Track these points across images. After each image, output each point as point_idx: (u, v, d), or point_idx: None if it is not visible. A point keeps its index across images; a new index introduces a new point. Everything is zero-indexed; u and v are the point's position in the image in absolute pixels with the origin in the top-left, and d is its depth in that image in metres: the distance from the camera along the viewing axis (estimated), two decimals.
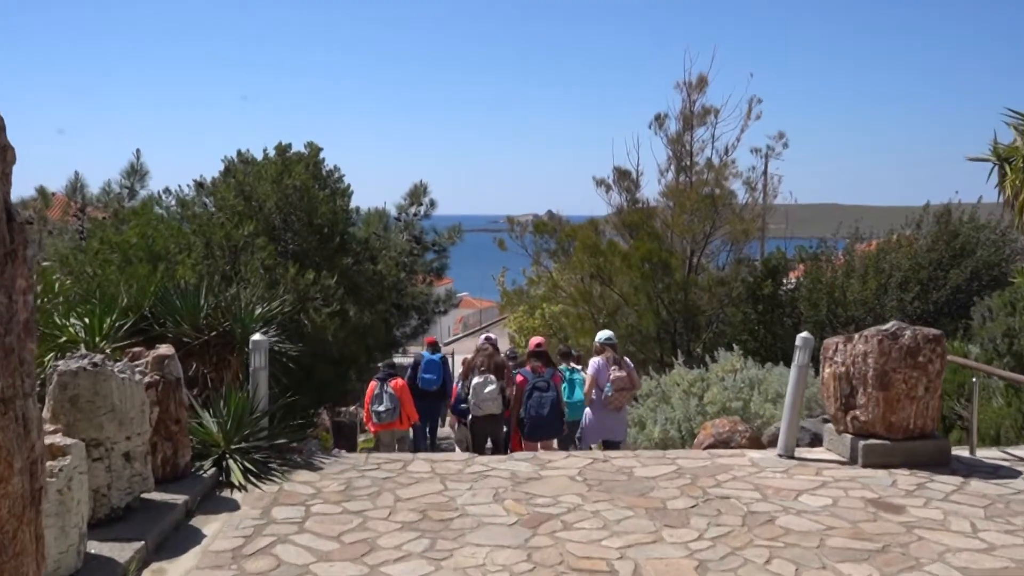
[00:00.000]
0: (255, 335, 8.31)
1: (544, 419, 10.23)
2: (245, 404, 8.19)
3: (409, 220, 19.14)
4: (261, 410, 8.36)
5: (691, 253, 19.27)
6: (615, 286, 19.22)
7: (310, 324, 9.80)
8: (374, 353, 13.75)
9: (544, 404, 10.25)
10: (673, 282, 18.41)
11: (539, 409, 10.22)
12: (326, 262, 10.75)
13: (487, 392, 10.29)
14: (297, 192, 10.65)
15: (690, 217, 18.64)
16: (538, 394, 10.26)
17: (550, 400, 10.29)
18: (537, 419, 10.21)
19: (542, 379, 10.37)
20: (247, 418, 8.19)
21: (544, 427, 10.28)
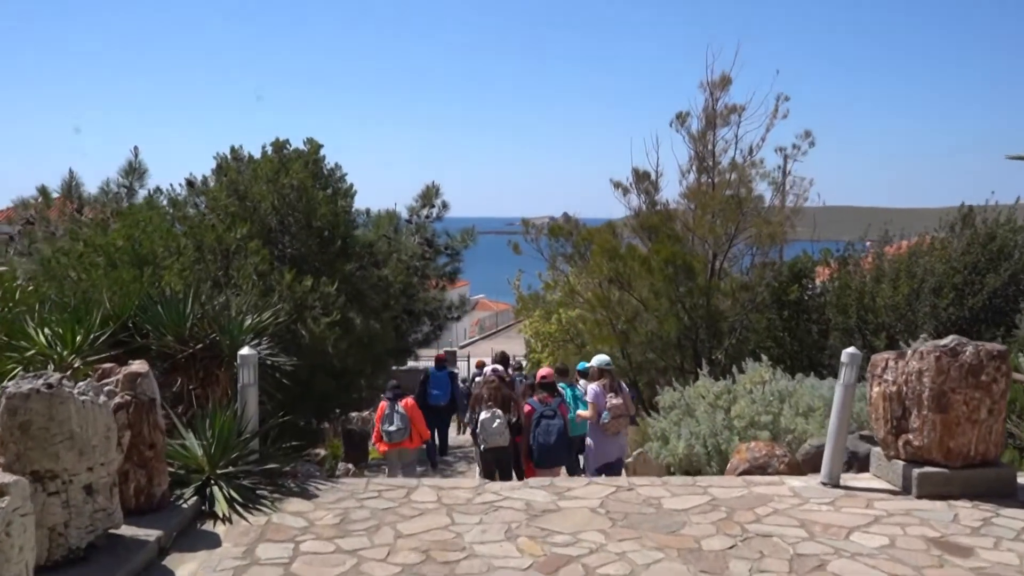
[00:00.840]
0: (243, 348, 7.49)
1: (551, 447, 10.44)
2: (232, 424, 7.38)
3: (421, 222, 18.38)
4: (250, 431, 7.55)
5: (713, 257, 18.37)
6: (634, 291, 18.35)
7: (308, 335, 8.99)
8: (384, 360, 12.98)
9: (551, 432, 10.46)
10: (695, 287, 17.54)
11: (547, 437, 10.45)
12: (326, 267, 9.94)
13: (495, 427, 10.53)
14: (295, 192, 9.84)
15: (713, 219, 17.72)
16: (545, 422, 10.49)
17: (557, 428, 10.48)
18: (544, 446, 10.42)
19: (549, 408, 10.60)
20: (234, 440, 7.38)
21: (552, 455, 10.46)
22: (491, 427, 10.56)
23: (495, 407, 10.69)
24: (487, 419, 10.56)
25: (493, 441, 10.60)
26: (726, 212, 17.44)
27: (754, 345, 19.44)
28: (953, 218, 18.18)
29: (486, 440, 10.62)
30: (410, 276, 16.80)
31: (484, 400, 10.78)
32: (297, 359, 9.05)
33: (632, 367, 19.07)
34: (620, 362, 19.23)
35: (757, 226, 17.38)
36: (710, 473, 12.40)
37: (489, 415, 10.60)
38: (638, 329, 18.39)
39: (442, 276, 18.84)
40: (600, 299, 18.66)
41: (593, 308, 18.95)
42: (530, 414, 10.63)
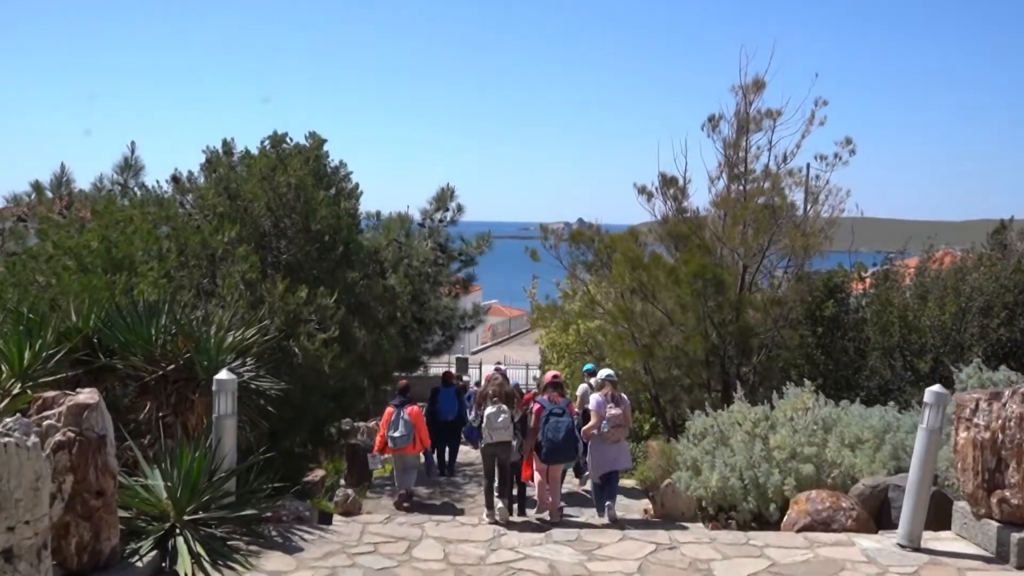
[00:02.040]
0: (221, 372, 6.31)
1: (560, 443, 10.70)
2: (204, 462, 6.20)
3: (434, 226, 17.30)
4: (226, 469, 6.37)
5: (743, 269, 17.08)
6: (659, 303, 17.09)
7: (301, 353, 7.82)
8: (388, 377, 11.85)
9: (560, 429, 10.73)
10: (725, 301, 16.26)
11: (555, 433, 10.72)
12: (326, 276, 8.79)
13: (499, 421, 10.57)
14: (292, 191, 8.70)
15: (744, 229, 16.46)
16: (554, 419, 10.77)
17: (565, 425, 10.74)
18: (553, 442, 10.70)
19: (558, 407, 10.89)
20: (205, 480, 6.19)
21: (560, 451, 10.76)
22: (496, 421, 10.58)
23: (500, 402, 10.70)
24: (492, 413, 10.58)
25: (498, 435, 10.63)
26: (759, 222, 16.15)
27: (784, 363, 18.22)
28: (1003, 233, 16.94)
29: (491, 434, 10.63)
30: (421, 283, 15.70)
31: (489, 396, 10.81)
32: (288, 381, 7.87)
33: (655, 383, 17.82)
34: (642, 378, 18.01)
35: (792, 237, 16.08)
36: (747, 508, 11.20)
37: (494, 409, 10.61)
38: (662, 344, 17.12)
39: (455, 283, 17.68)
40: (622, 311, 17.40)
41: (615, 320, 17.68)
42: (539, 412, 10.90)
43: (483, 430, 10.69)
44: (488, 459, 10.80)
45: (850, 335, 17.16)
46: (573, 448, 10.97)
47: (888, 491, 9.66)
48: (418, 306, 15.98)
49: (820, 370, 17.78)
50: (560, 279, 24.97)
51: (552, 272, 22.19)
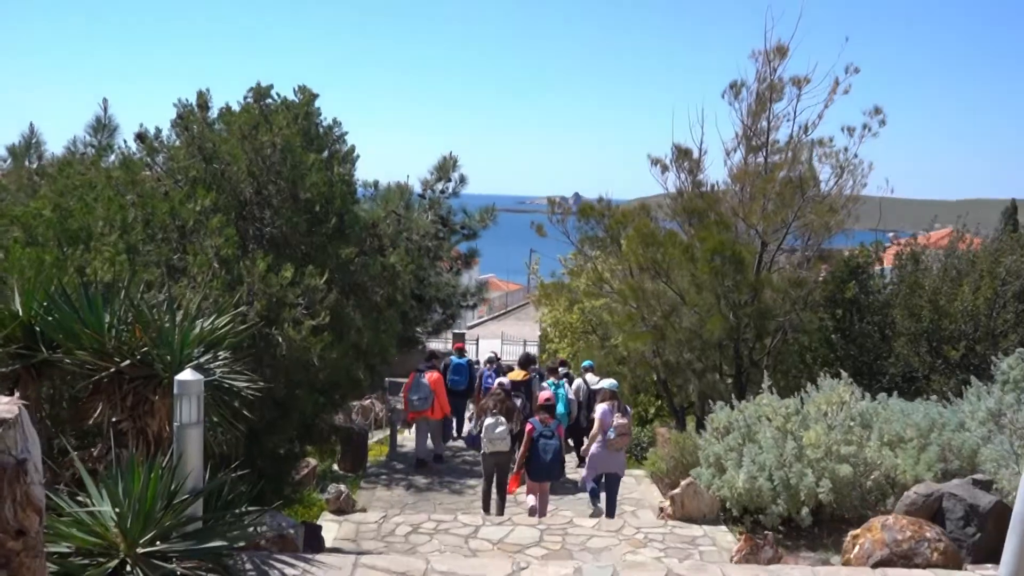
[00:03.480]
0: (184, 371, 5.11)
1: (547, 465, 11.33)
2: (161, 482, 5.00)
3: (435, 198, 16.06)
4: (190, 489, 5.17)
5: (762, 246, 15.92)
6: (672, 282, 15.94)
7: (286, 343, 6.62)
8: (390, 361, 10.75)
9: (548, 451, 11.32)
10: (744, 281, 15.11)
11: (544, 455, 11.31)
12: (316, 252, 7.60)
13: (498, 432, 11.44)
14: (278, 153, 7.46)
15: (766, 203, 15.27)
16: (544, 441, 11.34)
17: (554, 448, 11.35)
18: (541, 463, 11.30)
19: (548, 428, 11.40)
20: (162, 505, 5.01)
21: (546, 471, 11.40)
22: (494, 432, 11.44)
23: (499, 415, 11.60)
24: (491, 424, 11.45)
25: (496, 446, 11.49)
26: (783, 196, 14.96)
27: (800, 347, 17.16)
28: None
29: (490, 444, 11.48)
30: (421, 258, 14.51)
31: (490, 409, 11.72)
32: (270, 375, 6.68)
33: (665, 367, 16.70)
34: (651, 360, 16.94)
35: (818, 213, 14.91)
36: (777, 512, 10.15)
37: (493, 421, 11.49)
38: (675, 325, 16.01)
39: (457, 259, 16.49)
40: (632, 289, 16.27)
41: (624, 299, 16.56)
42: (531, 432, 11.40)
43: (483, 440, 11.64)
44: (488, 465, 11.74)
45: (875, 318, 16.10)
46: (559, 469, 11.75)
47: (943, 500, 8.58)
48: (417, 282, 14.80)
49: (839, 355, 16.86)
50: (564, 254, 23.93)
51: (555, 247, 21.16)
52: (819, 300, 16.44)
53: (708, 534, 10.36)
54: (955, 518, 8.43)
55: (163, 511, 5.02)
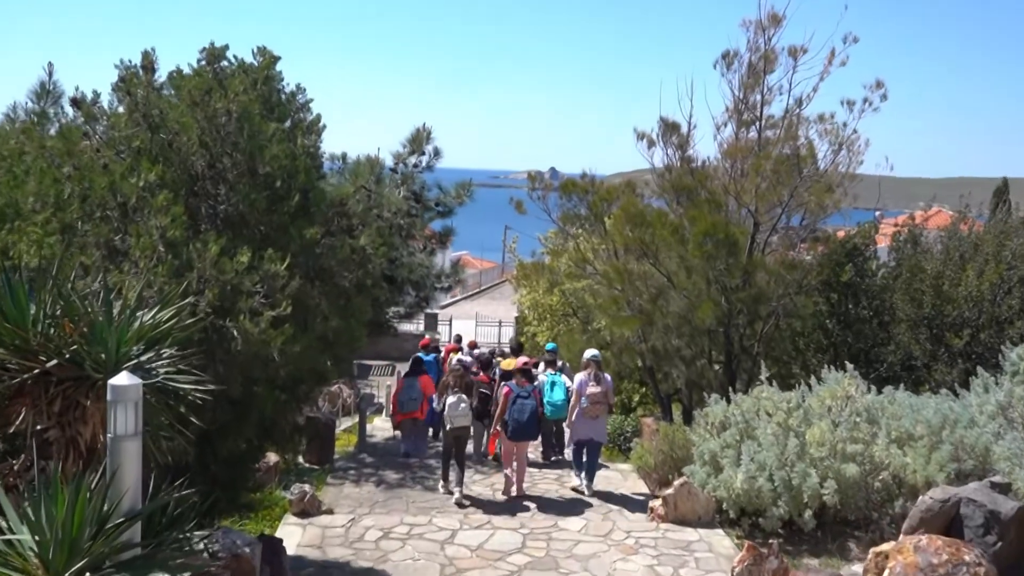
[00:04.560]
0: (119, 375, 4.50)
1: (524, 424, 12.05)
2: (89, 505, 4.39)
3: (408, 172, 15.42)
4: (127, 512, 4.55)
5: (755, 227, 15.44)
6: (661, 265, 15.44)
7: (241, 336, 6.00)
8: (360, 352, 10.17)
9: (525, 411, 12.07)
10: (736, 264, 14.64)
11: (520, 415, 12.04)
12: (277, 234, 6.96)
13: (460, 410, 12.12)
14: (233, 122, 6.80)
15: (760, 182, 14.76)
16: (521, 402, 12.11)
17: (530, 407, 12.13)
18: (518, 423, 12.03)
19: (525, 390, 12.24)
20: (90, 531, 4.39)
21: (524, 431, 12.10)
22: (456, 410, 12.09)
23: (460, 392, 12.24)
24: (453, 403, 12.10)
25: (458, 422, 12.13)
26: (778, 174, 14.46)
27: (793, 333, 16.78)
28: None
29: (452, 420, 12.10)
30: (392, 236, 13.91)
31: (451, 387, 12.33)
32: (224, 373, 6.08)
33: (652, 354, 16.24)
34: (637, 346, 16.48)
35: (816, 192, 14.42)
36: (777, 515, 9.72)
37: (455, 399, 12.12)
38: (662, 310, 15.53)
39: (431, 238, 15.90)
40: (618, 271, 15.75)
41: (609, 281, 16.03)
42: (508, 394, 12.18)
43: (445, 417, 12.20)
44: (448, 440, 12.39)
45: (872, 303, 15.74)
46: (535, 428, 12.46)
47: (960, 506, 8.16)
48: (388, 263, 14.21)
49: (833, 341, 16.58)
50: (543, 233, 23.38)
51: (534, 225, 20.64)
52: (814, 284, 16.01)
53: (704, 539, 9.94)
54: (974, 526, 8.02)
55: (93, 538, 4.40)
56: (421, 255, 15.92)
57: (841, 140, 14.87)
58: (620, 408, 19.61)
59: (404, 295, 16.05)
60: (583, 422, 12.28)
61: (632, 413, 18.92)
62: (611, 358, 17.65)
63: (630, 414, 18.41)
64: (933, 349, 14.64)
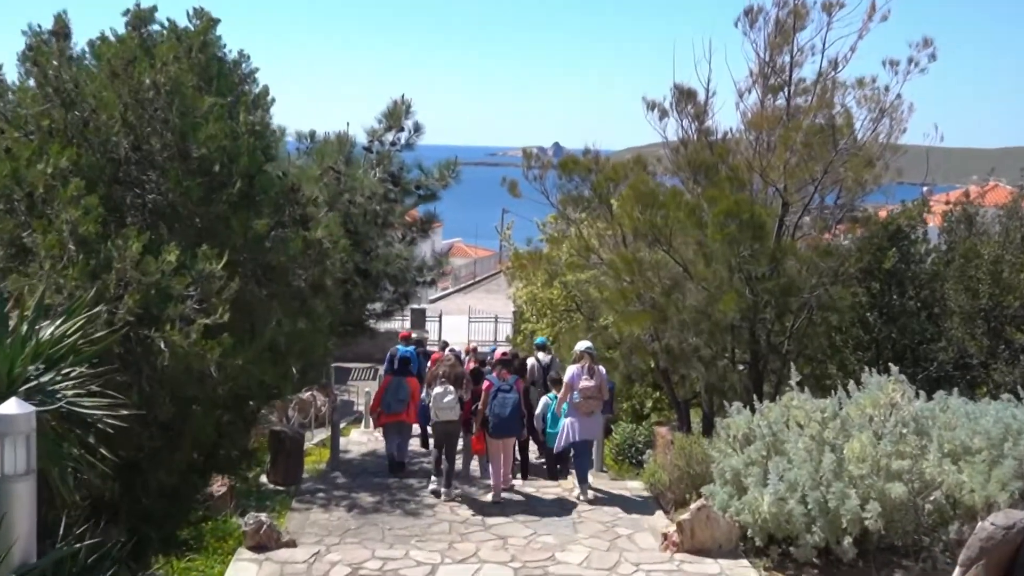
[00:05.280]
0: (9, 401, 4.24)
1: (506, 419, 12.51)
2: None
3: (384, 151, 15.22)
4: (17, 568, 4.30)
5: (784, 208, 15.21)
6: (675, 252, 15.21)
7: (170, 350, 5.73)
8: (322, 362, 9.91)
9: (506, 405, 12.49)
10: (763, 249, 14.40)
11: (502, 409, 12.49)
12: (217, 227, 6.67)
13: (446, 402, 12.54)
14: (163, 97, 6.51)
15: (790, 156, 14.53)
16: (502, 395, 12.53)
17: (512, 401, 12.53)
18: (500, 418, 12.49)
19: (506, 383, 12.67)
20: None
21: (506, 426, 12.58)
22: (442, 402, 12.50)
23: (448, 383, 12.60)
24: (439, 393, 12.50)
25: (444, 415, 12.58)
26: (811, 147, 14.23)
27: (828, 328, 16.57)
28: None
29: (437, 414, 12.61)
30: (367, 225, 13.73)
31: (438, 377, 12.69)
32: (151, 393, 5.79)
33: (666, 354, 15.99)
34: (649, 346, 16.28)
35: (853, 167, 14.20)
36: (812, 542, 9.48)
37: (442, 390, 12.52)
38: (678, 304, 15.26)
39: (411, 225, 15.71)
40: (627, 261, 15.49)
41: (616, 272, 15.80)
42: (488, 388, 12.62)
43: (431, 409, 12.78)
44: (438, 434, 12.93)
45: (920, 293, 15.58)
46: (519, 423, 12.94)
47: None
48: (362, 255, 14.01)
49: (875, 337, 16.48)
50: (542, 218, 23.15)
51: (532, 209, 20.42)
52: (853, 271, 15.79)
53: (726, 571, 9.67)
54: None
55: None
56: (400, 245, 15.69)
57: (883, 106, 14.65)
58: (631, 415, 19.46)
59: (381, 291, 15.83)
60: (577, 419, 12.64)
61: (644, 421, 18.76)
62: (619, 359, 17.56)
63: (642, 422, 18.25)
64: (991, 345, 14.48)
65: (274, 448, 14.44)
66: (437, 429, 12.97)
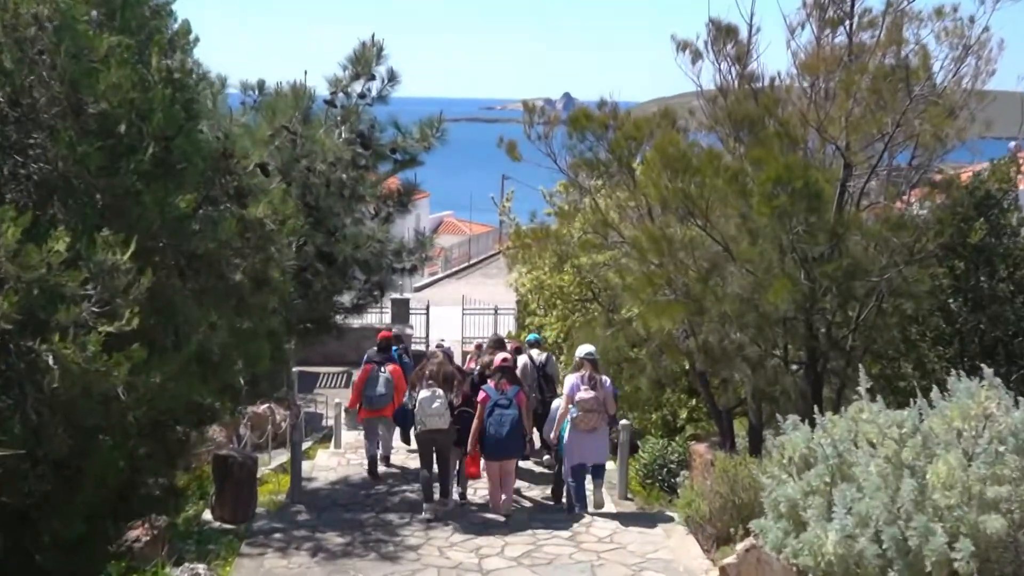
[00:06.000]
0: None
1: (504, 439, 12.81)
2: None
3: (351, 106, 14.94)
4: None
5: (846, 171, 14.93)
6: (713, 228, 14.95)
7: (59, 366, 5.32)
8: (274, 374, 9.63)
9: (504, 423, 12.77)
10: (821, 224, 14.11)
11: (499, 428, 12.77)
12: (124, 204, 6.29)
13: (433, 408, 12.85)
14: (50, 35, 6.09)
15: (853, 106, 14.26)
16: (499, 411, 12.80)
17: (511, 419, 12.79)
18: (496, 438, 12.82)
19: (505, 396, 12.91)
20: None
21: (504, 447, 12.94)
22: (429, 408, 12.83)
23: (436, 386, 13.02)
24: (426, 398, 12.86)
25: (431, 423, 12.94)
26: (879, 95, 13.96)
27: (902, 319, 16.31)
28: None
29: (424, 422, 12.97)
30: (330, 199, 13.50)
31: (425, 378, 13.14)
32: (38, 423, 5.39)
33: (704, 354, 15.75)
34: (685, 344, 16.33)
35: (933, 119, 13.88)
36: None
37: (429, 394, 12.90)
38: (717, 292, 15.04)
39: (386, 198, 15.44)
40: (654, 239, 15.27)
41: (641, 253, 15.60)
42: (484, 402, 12.91)
43: (416, 415, 13.15)
44: (425, 446, 13.33)
45: (1017, 274, 15.50)
46: (520, 443, 13.34)
47: None
48: (325, 236, 13.78)
49: (959, 329, 16.54)
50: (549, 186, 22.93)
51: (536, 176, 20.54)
52: (931, 249, 15.50)
53: None
54: None
55: None
56: (372, 223, 15.44)
57: (967, 43, 14.44)
58: (663, 428, 19.37)
59: (350, 279, 15.60)
60: (579, 438, 13.15)
61: (679, 435, 18.61)
62: (647, 360, 17.59)
63: (676, 436, 18.17)
64: None
65: (220, 476, 14.25)
66: (423, 440, 13.35)
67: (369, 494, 15.57)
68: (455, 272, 53.31)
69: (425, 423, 12.98)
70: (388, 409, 15.97)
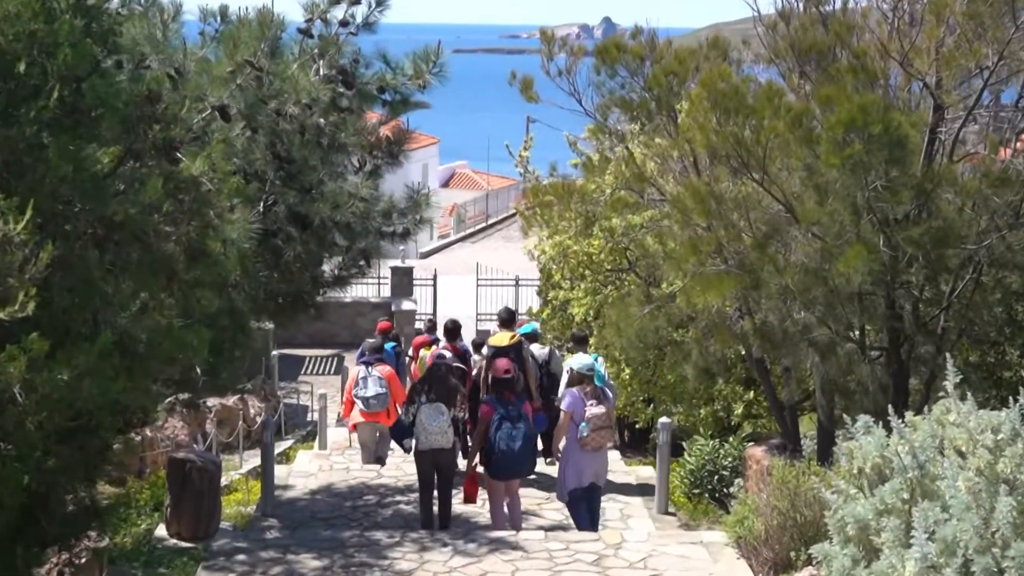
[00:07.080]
0: None
1: (515, 456, 13.18)
2: None
3: (329, 36, 14.88)
4: None
5: (937, 114, 14.82)
6: (772, 183, 14.86)
7: None
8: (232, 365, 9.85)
9: (516, 438, 13.09)
10: (904, 178, 14.00)
11: (510, 443, 13.08)
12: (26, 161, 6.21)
13: (435, 425, 13.28)
14: None
15: (944, 34, 14.18)
16: (508, 426, 13.11)
17: (523, 433, 13.18)
18: (507, 455, 13.14)
19: (513, 408, 13.33)
20: None
21: (515, 464, 13.34)
22: (431, 425, 13.29)
23: (438, 400, 13.43)
24: (429, 414, 13.31)
25: (434, 442, 13.39)
26: (977, 18, 13.82)
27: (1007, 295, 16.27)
28: None
29: (426, 440, 13.38)
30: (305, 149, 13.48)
31: (425, 391, 13.60)
32: None
33: (761, 336, 15.69)
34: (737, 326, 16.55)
35: None
36: None
37: (431, 410, 13.34)
38: (777, 261, 14.95)
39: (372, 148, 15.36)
40: (700, 197, 15.23)
41: (684, 213, 15.58)
42: (487, 415, 13.35)
43: (416, 432, 13.50)
44: (425, 466, 13.85)
45: None
46: (531, 460, 13.82)
47: None
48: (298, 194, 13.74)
49: None
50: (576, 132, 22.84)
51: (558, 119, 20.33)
52: None
53: None
54: None
55: None
56: (356, 178, 15.36)
57: None
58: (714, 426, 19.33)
59: (329, 246, 15.54)
60: (582, 457, 13.61)
61: (733, 435, 18.56)
62: (692, 344, 17.55)
63: (730, 436, 18.09)
64: None
65: (176, 484, 14.30)
66: (423, 461, 13.80)
67: (355, 506, 15.74)
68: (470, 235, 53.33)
69: (427, 441, 13.40)
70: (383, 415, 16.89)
